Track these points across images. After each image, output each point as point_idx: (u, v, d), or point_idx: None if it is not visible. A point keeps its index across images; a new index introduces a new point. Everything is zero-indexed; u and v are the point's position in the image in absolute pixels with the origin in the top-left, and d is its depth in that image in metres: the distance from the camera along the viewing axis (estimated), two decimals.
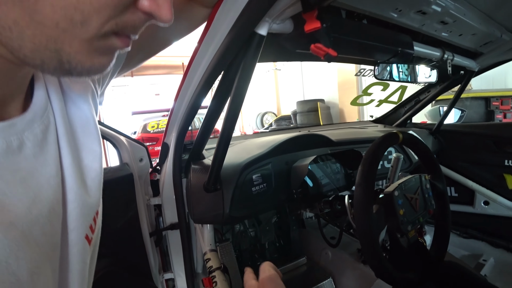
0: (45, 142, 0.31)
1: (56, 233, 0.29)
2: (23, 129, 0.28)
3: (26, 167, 0.28)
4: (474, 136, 1.57)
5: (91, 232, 0.34)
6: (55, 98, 0.33)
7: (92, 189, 0.35)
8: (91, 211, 0.34)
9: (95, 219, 0.36)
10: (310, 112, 6.52)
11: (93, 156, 0.37)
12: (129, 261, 1.03)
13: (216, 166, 0.79)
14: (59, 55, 0.24)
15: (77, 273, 0.31)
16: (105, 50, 0.27)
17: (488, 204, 1.56)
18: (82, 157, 0.35)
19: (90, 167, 0.36)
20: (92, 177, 0.36)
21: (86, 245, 0.33)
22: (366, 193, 0.60)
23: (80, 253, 0.32)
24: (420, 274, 0.68)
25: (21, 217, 0.25)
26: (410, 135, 0.76)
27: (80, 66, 0.26)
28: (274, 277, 0.51)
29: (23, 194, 0.26)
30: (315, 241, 1.53)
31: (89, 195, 0.34)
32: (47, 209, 0.28)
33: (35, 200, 0.27)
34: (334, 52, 0.48)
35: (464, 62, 1.21)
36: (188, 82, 0.84)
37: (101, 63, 0.28)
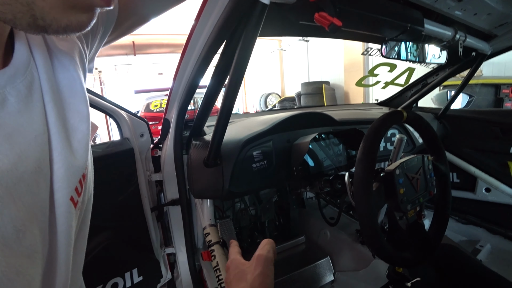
0: (30, 99, 0.29)
1: (43, 193, 0.29)
2: (4, 84, 0.27)
3: (11, 123, 0.26)
4: (481, 122, 1.54)
5: (77, 195, 0.33)
6: (39, 54, 0.32)
7: (78, 151, 0.34)
8: (76, 172, 0.33)
9: (81, 182, 0.35)
10: (315, 94, 6.42)
11: (79, 117, 0.35)
12: (131, 235, 1.05)
13: (216, 141, 0.78)
14: (32, 9, 0.23)
15: (63, 234, 0.31)
16: (83, 7, 0.26)
17: (489, 191, 1.56)
18: (68, 118, 0.34)
19: (76, 128, 0.35)
20: (78, 139, 0.35)
21: (71, 207, 0.32)
22: (366, 170, 0.59)
23: (65, 215, 0.31)
24: (417, 254, 0.69)
25: (5, 173, 0.24)
26: (415, 114, 0.74)
27: (56, 23, 0.25)
28: (268, 259, 0.47)
29: (9, 150, 0.25)
30: (314, 221, 1.55)
31: (74, 156, 0.33)
32: (33, 167, 0.27)
33: (21, 157, 0.26)
34: (339, 21, 0.46)
35: (476, 44, 1.16)
36: (188, 57, 0.82)
37: (79, 21, 0.26)
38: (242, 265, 0.49)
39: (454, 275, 0.85)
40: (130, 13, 0.51)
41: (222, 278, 0.84)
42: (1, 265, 0.22)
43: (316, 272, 1.33)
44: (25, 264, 0.24)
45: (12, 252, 0.23)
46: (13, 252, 0.23)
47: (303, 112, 1.10)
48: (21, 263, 0.24)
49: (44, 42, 0.34)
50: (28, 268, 0.25)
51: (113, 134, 7.31)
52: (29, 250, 0.25)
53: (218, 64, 0.75)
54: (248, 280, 0.44)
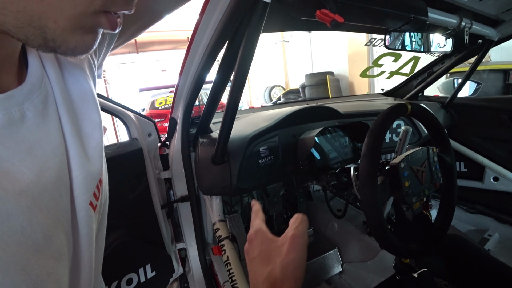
0: (46, 112, 0.31)
1: (65, 200, 0.31)
2: (22, 100, 0.28)
3: (31, 137, 0.28)
4: (489, 111, 1.52)
5: (95, 199, 0.36)
6: (51, 68, 0.34)
7: (94, 158, 0.36)
8: (93, 179, 0.35)
9: (99, 187, 0.37)
10: (319, 85, 6.36)
11: (92, 125, 0.37)
12: (143, 232, 1.08)
13: (223, 139, 0.80)
14: (44, 32, 0.24)
15: (85, 237, 0.33)
16: (90, 28, 0.27)
17: (497, 180, 1.54)
18: (81, 127, 0.36)
19: (90, 136, 0.36)
20: (93, 146, 0.36)
21: (91, 211, 0.34)
22: (371, 164, 0.60)
23: (86, 219, 0.33)
24: (423, 245, 0.70)
25: (31, 185, 0.26)
26: (419, 106, 0.74)
27: (65, 44, 0.26)
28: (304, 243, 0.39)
29: (31, 163, 0.27)
30: (321, 213, 1.57)
31: (90, 163, 0.35)
32: (54, 177, 0.29)
33: (42, 169, 0.28)
34: (340, 18, 0.46)
35: (483, 30, 1.14)
36: (192, 56, 0.83)
37: (85, 42, 0.27)
38: (270, 241, 0.41)
39: (461, 266, 0.86)
40: (134, 18, 0.53)
41: (232, 272, 0.86)
42: (34, 268, 0.24)
43: (324, 263, 1.35)
44: (54, 266, 0.27)
45: (42, 256, 0.25)
46: (43, 255, 0.25)
47: (308, 107, 1.10)
48: (50, 265, 0.26)
49: (54, 55, 0.35)
50: (57, 269, 0.27)
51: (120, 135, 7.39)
52: (56, 253, 0.27)
53: (222, 61, 0.76)
54: (278, 264, 0.37)
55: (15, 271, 0.22)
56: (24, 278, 0.23)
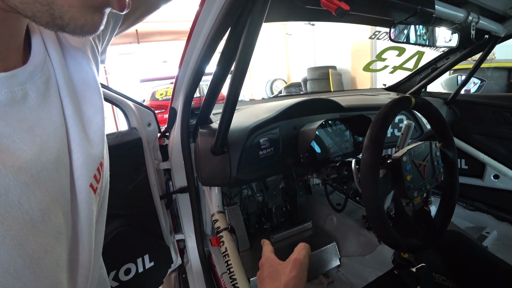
0: (48, 94, 0.32)
1: (64, 180, 0.31)
2: (25, 80, 0.29)
3: (32, 116, 0.29)
4: (492, 108, 1.51)
5: (96, 181, 0.36)
6: (53, 51, 0.34)
7: (95, 141, 0.36)
8: (94, 161, 0.36)
9: (99, 170, 0.37)
10: (321, 79, 6.32)
11: (94, 109, 0.37)
12: (142, 223, 1.08)
13: (223, 129, 0.79)
14: (51, 8, 0.24)
15: (85, 218, 0.34)
16: (98, 6, 0.27)
17: (498, 178, 1.54)
18: (83, 110, 0.36)
19: (92, 120, 0.37)
20: (94, 130, 0.36)
21: (91, 193, 0.34)
22: (373, 156, 0.59)
23: (86, 200, 0.34)
24: (423, 240, 0.69)
25: (30, 163, 0.26)
26: (423, 100, 0.73)
27: (73, 22, 0.26)
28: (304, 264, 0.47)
29: (31, 142, 0.27)
30: (321, 207, 1.57)
31: (91, 146, 0.35)
32: (54, 157, 0.30)
33: (42, 148, 0.28)
34: (346, 5, 0.45)
35: (489, 25, 1.12)
36: (192, 47, 0.82)
37: (94, 21, 0.27)
38: (277, 264, 0.50)
39: (459, 261, 0.86)
40: (139, 2, 0.52)
41: (231, 263, 0.86)
42: (31, 243, 0.25)
43: (322, 257, 1.36)
44: (52, 243, 0.27)
45: (39, 233, 0.26)
46: (40, 232, 0.26)
47: (310, 99, 1.09)
48: (48, 242, 0.27)
49: (57, 38, 0.35)
50: (55, 247, 0.27)
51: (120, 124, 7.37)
52: (54, 231, 0.28)
53: (223, 51, 0.74)
54: (282, 280, 0.45)
55: (11, 245, 0.23)
56: (20, 252, 0.23)
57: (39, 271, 0.25)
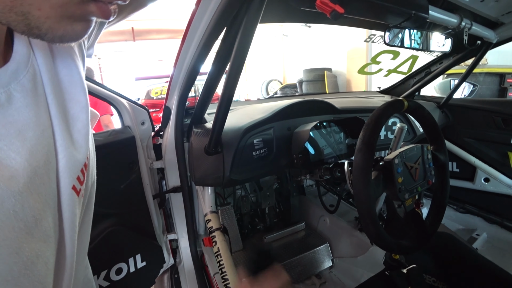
0: (36, 93, 0.30)
1: (53, 183, 0.30)
2: (8, 81, 0.27)
3: (20, 119, 0.27)
4: (483, 112, 1.53)
5: (80, 183, 0.34)
6: (38, 45, 0.32)
7: (78, 141, 0.35)
8: (77, 163, 0.34)
9: (84, 171, 0.36)
10: (317, 80, 6.34)
11: (79, 107, 0.35)
12: (134, 222, 1.07)
13: (217, 129, 0.79)
14: (27, 19, 0.23)
15: (68, 221, 0.33)
16: (79, 17, 0.25)
17: (488, 181, 1.56)
18: (68, 108, 0.34)
19: (77, 118, 0.35)
20: (78, 129, 0.35)
21: (74, 195, 0.33)
22: (365, 159, 0.60)
23: (68, 203, 0.32)
24: (414, 242, 0.70)
25: (21, 170, 0.26)
26: (416, 103, 0.74)
27: (51, 33, 0.24)
28: None
29: (21, 147, 0.26)
30: (314, 208, 1.58)
31: (74, 147, 0.34)
32: (43, 161, 0.29)
33: (32, 152, 0.27)
34: (341, 8, 0.45)
35: (482, 32, 1.14)
36: (187, 46, 0.82)
37: (75, 31, 0.26)
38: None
39: (449, 263, 0.87)
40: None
41: (223, 264, 0.86)
42: (25, 250, 0.25)
43: (315, 258, 1.36)
44: (43, 248, 0.27)
45: (33, 239, 0.26)
46: (34, 238, 0.26)
47: (304, 100, 1.10)
48: (39, 247, 0.26)
49: None
50: (45, 251, 0.27)
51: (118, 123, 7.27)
52: (44, 235, 0.28)
53: (218, 50, 0.74)
54: None
55: (7, 254, 0.23)
56: (16, 260, 0.24)
57: (32, 276, 0.25)
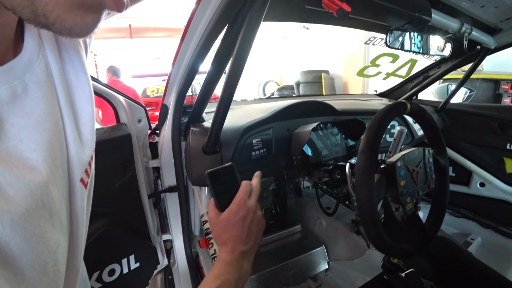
0: (49, 83, 0.29)
1: (66, 175, 0.31)
2: (23, 71, 0.26)
3: (37, 110, 0.27)
4: (480, 117, 1.54)
5: (87, 176, 0.35)
6: (45, 37, 0.31)
7: (85, 133, 0.34)
8: (84, 155, 0.34)
9: (91, 164, 0.36)
10: (314, 82, 6.36)
11: (85, 99, 0.35)
12: (128, 222, 1.05)
13: (215, 128, 0.77)
14: (33, 4, 0.21)
15: (78, 213, 0.33)
16: (91, 7, 0.24)
17: (484, 186, 1.57)
18: (74, 100, 0.34)
19: (83, 111, 0.34)
20: (84, 121, 0.34)
21: (82, 188, 0.33)
22: (369, 161, 0.59)
23: (78, 195, 0.32)
24: (414, 246, 0.70)
25: (41, 162, 0.26)
26: (418, 106, 0.73)
27: (59, 23, 0.23)
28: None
29: (40, 138, 0.26)
30: (310, 210, 1.57)
31: (82, 139, 0.34)
32: (59, 152, 0.29)
33: (51, 143, 0.28)
34: (348, 7, 0.44)
35: (481, 37, 1.14)
36: (186, 44, 0.80)
37: (85, 24, 0.24)
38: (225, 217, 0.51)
39: (447, 266, 0.87)
40: None
41: None
42: (50, 239, 0.25)
43: (311, 260, 1.35)
44: (60, 238, 0.28)
45: (54, 228, 0.27)
46: (55, 228, 0.27)
47: (304, 101, 1.09)
48: (58, 237, 0.27)
49: None
50: (62, 241, 0.28)
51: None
52: (61, 226, 0.28)
53: (219, 49, 0.73)
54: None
55: (36, 242, 0.23)
56: (44, 249, 0.24)
57: (54, 265, 0.25)
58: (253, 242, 0.50)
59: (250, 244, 0.50)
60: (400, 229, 0.75)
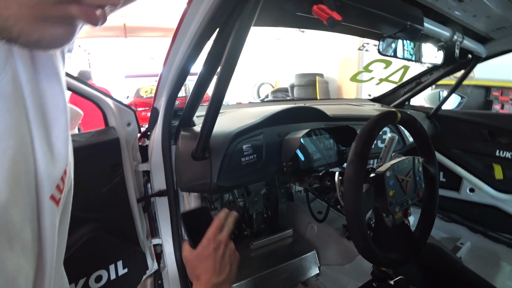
0: (15, 95, 0.27)
1: (32, 193, 0.28)
2: None
3: (1, 126, 0.25)
4: (470, 124, 1.56)
5: (59, 192, 0.32)
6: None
7: (57, 147, 0.32)
8: (56, 170, 0.31)
9: (63, 179, 0.33)
10: (308, 85, 6.39)
11: (58, 110, 0.32)
12: (116, 227, 1.02)
13: (205, 134, 0.76)
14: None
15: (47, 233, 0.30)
16: (60, 20, 0.22)
17: (473, 191, 1.59)
18: (47, 111, 0.31)
19: (56, 123, 0.32)
20: (57, 134, 0.32)
21: (53, 205, 0.31)
22: (357, 171, 0.58)
23: (47, 214, 0.30)
24: (403, 255, 0.69)
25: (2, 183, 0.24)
26: (408, 115, 0.73)
27: (24, 37, 0.21)
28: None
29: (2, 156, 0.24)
30: (302, 215, 1.56)
31: (53, 153, 0.31)
32: (24, 169, 0.26)
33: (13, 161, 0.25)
34: (338, 16, 0.44)
35: (472, 46, 1.16)
36: (178, 44, 0.79)
37: (55, 36, 0.22)
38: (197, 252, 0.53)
39: (436, 274, 0.87)
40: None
41: None
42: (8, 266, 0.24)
43: (301, 265, 1.35)
44: (23, 262, 0.26)
45: (14, 253, 0.25)
46: (15, 252, 0.25)
47: (296, 106, 1.08)
48: (20, 261, 0.25)
49: None
50: (25, 265, 0.26)
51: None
52: (24, 249, 0.26)
53: (210, 52, 0.72)
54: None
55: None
56: (1, 275, 0.23)
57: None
58: (227, 274, 0.51)
59: (223, 276, 0.50)
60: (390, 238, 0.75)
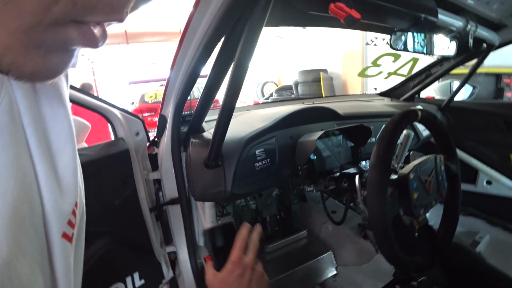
0: (14, 127, 0.24)
1: (40, 235, 0.25)
2: None
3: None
4: (485, 115, 1.51)
5: (71, 227, 0.29)
6: None
7: (65, 178, 0.29)
8: (66, 204, 0.29)
9: (75, 212, 0.30)
10: (313, 82, 6.32)
11: (64, 137, 0.29)
12: (130, 239, 1.01)
13: (217, 141, 0.74)
14: None
15: (61, 274, 0.27)
16: (54, 47, 0.19)
17: (490, 183, 1.55)
18: (51, 140, 0.28)
19: (62, 151, 0.29)
20: (64, 164, 0.29)
21: (65, 243, 0.28)
22: (381, 176, 0.56)
23: (60, 254, 0.27)
24: (428, 258, 0.67)
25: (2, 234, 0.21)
26: (429, 112, 0.70)
27: (16, 69, 0.18)
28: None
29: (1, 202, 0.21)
30: (315, 215, 1.54)
31: (61, 186, 0.29)
32: (28, 213, 0.23)
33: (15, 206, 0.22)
34: (357, 14, 0.41)
35: (486, 34, 1.12)
36: (185, 49, 0.77)
37: (49, 66, 0.20)
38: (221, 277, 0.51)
39: (459, 273, 0.84)
40: None
41: None
42: None
43: (318, 266, 1.33)
44: None
45: None
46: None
47: (307, 107, 1.06)
48: None
49: None
50: None
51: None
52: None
53: (218, 57, 0.70)
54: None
55: None
56: None
57: None
58: None
59: None
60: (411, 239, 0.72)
